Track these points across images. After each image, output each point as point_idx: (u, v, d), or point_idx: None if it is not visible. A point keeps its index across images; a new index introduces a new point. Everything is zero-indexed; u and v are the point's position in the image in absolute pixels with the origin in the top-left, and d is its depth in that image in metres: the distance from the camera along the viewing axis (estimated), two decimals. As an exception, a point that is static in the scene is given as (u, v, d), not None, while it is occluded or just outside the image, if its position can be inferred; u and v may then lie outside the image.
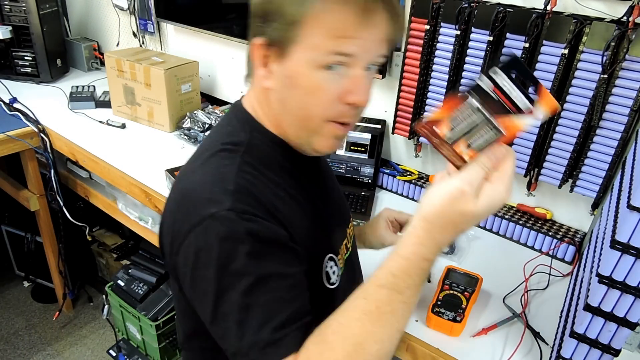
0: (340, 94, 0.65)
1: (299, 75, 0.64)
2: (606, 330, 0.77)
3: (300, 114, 0.67)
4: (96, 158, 1.67)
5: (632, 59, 1.02)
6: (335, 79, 0.64)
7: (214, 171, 0.68)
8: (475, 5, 1.20)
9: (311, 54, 0.63)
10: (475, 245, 1.33)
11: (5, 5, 2.06)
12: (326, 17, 0.61)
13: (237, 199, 0.63)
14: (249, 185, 0.65)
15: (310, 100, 0.65)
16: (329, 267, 0.76)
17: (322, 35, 0.62)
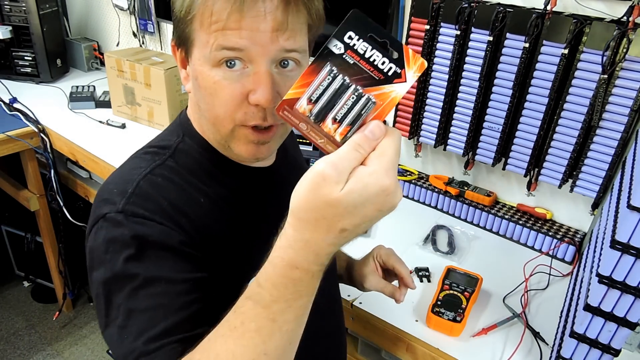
0: (242, 93, 0.60)
1: (199, 75, 0.62)
2: (606, 330, 0.77)
3: (210, 117, 0.64)
4: (96, 158, 1.67)
5: (632, 59, 1.02)
6: (233, 78, 0.60)
7: (125, 172, 0.67)
8: (475, 5, 1.20)
9: (203, 51, 0.60)
10: (475, 245, 1.33)
11: (5, 5, 2.06)
12: (206, 9, 0.58)
13: (130, 201, 0.61)
14: (151, 189, 0.63)
15: (214, 101, 0.62)
16: None
17: (206, 30, 0.59)
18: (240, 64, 0.60)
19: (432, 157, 1.54)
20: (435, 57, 1.31)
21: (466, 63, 1.26)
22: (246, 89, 0.60)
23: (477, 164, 1.41)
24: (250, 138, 0.64)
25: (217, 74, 0.60)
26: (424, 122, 1.41)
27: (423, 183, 1.50)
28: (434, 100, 1.36)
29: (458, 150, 1.37)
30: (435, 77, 1.33)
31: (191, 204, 0.65)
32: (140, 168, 0.66)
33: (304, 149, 1.63)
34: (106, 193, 0.64)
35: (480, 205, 1.39)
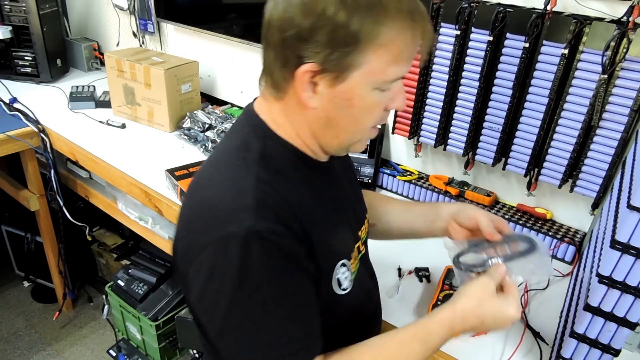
0: (387, 103, 0.70)
1: (356, 97, 0.66)
2: (606, 330, 0.77)
3: (352, 129, 0.71)
4: (96, 158, 1.67)
5: (632, 59, 1.02)
6: (384, 97, 0.68)
7: (232, 183, 0.67)
8: (475, 5, 1.20)
9: (372, 78, 0.65)
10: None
11: (5, 5, 2.06)
12: (394, 45, 0.63)
13: (257, 214, 0.63)
14: (267, 198, 0.65)
15: (366, 116, 0.69)
16: (340, 274, 0.75)
17: (386, 62, 0.64)
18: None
19: (432, 157, 1.54)
20: (435, 57, 1.31)
21: (466, 63, 1.26)
22: (389, 99, 0.70)
23: (477, 164, 1.41)
24: (372, 135, 0.74)
25: (376, 95, 0.67)
26: (424, 122, 1.41)
27: (423, 183, 1.50)
28: (434, 100, 1.36)
29: (458, 150, 1.37)
30: (435, 77, 1.33)
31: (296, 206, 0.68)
32: (244, 177, 0.67)
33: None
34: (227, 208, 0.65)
35: (481, 205, 1.39)
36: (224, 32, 1.88)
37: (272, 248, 0.63)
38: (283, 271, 0.64)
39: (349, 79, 0.64)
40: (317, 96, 0.66)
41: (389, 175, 1.56)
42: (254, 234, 0.61)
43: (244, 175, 0.67)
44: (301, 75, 0.64)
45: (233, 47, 1.95)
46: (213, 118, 1.83)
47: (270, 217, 0.64)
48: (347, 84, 0.64)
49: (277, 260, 0.63)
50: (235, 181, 0.67)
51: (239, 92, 2.03)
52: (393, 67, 0.65)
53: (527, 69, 1.18)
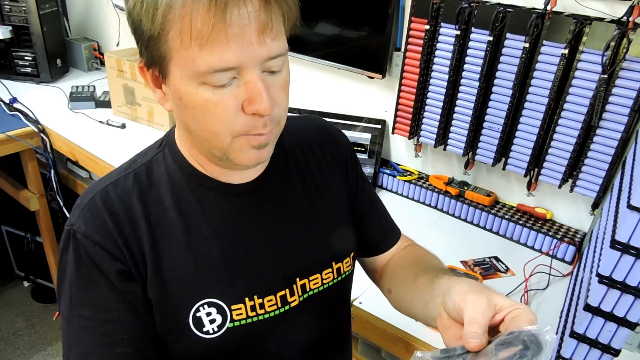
0: (236, 105, 0.57)
1: (184, 95, 0.57)
2: (606, 330, 0.77)
3: (204, 135, 0.60)
4: (96, 158, 1.67)
5: (632, 59, 1.02)
6: (224, 92, 0.56)
7: (98, 181, 0.68)
8: (475, 5, 1.20)
9: (185, 69, 0.55)
10: (476, 245, 1.33)
11: (5, 5, 2.06)
12: (184, 24, 0.52)
13: (82, 215, 0.63)
14: (103, 205, 0.63)
15: (207, 119, 0.58)
16: (203, 314, 0.65)
17: (187, 47, 0.53)
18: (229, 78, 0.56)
19: (432, 157, 1.54)
20: (435, 57, 1.31)
21: (466, 63, 1.26)
22: (240, 100, 0.57)
23: (477, 164, 1.41)
24: (252, 144, 0.60)
25: (205, 92, 0.56)
26: (424, 122, 1.41)
27: (423, 183, 1.50)
28: (434, 100, 1.36)
29: (458, 150, 1.37)
30: (435, 77, 1.33)
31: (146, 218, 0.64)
32: (110, 177, 0.67)
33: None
34: (78, 200, 0.66)
35: (480, 205, 1.39)
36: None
37: (81, 251, 0.62)
38: (88, 278, 0.62)
39: (169, 74, 0.57)
40: (166, 97, 0.62)
41: (389, 175, 1.56)
42: (73, 232, 0.63)
43: (112, 175, 0.68)
44: (140, 73, 0.63)
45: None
46: (213, 118, 1.83)
47: (96, 222, 0.63)
48: (170, 79, 0.58)
49: (85, 265, 0.62)
50: (100, 181, 0.68)
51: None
52: (204, 54, 0.53)
53: (527, 69, 1.18)
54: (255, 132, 0.59)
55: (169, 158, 0.68)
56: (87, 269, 0.62)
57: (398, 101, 1.43)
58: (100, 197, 0.64)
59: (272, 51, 0.56)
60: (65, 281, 0.64)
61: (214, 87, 0.55)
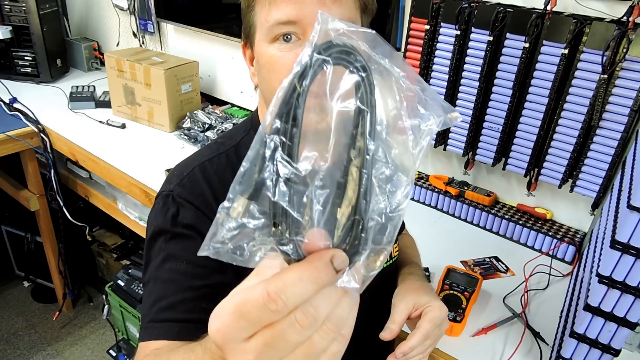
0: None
1: (260, 55, 0.66)
2: (606, 330, 0.77)
3: (268, 94, 0.68)
4: (96, 158, 1.67)
5: (632, 59, 1.02)
6: (287, 48, 0.63)
7: (191, 158, 0.76)
8: (475, 5, 1.20)
9: (261, 30, 0.64)
10: (476, 245, 1.33)
11: (5, 5, 2.06)
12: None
13: (182, 183, 0.70)
14: (202, 176, 0.71)
15: (271, 75, 0.65)
16: None
17: (261, 7, 0.63)
18: (295, 38, 0.62)
19: (432, 157, 1.54)
20: (435, 57, 1.31)
21: (466, 63, 1.26)
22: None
23: (477, 164, 1.41)
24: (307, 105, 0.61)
25: (273, 48, 0.63)
26: (424, 122, 1.41)
27: (423, 183, 1.50)
28: (434, 100, 1.36)
29: (458, 150, 1.37)
30: (435, 77, 1.33)
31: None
32: (203, 155, 0.74)
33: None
34: (171, 174, 0.74)
35: (480, 205, 1.39)
36: (224, 32, 1.88)
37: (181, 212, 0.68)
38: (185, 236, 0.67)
39: (255, 41, 0.66)
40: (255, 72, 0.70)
41: (389, 175, 1.55)
42: (172, 197, 0.69)
43: (205, 154, 0.74)
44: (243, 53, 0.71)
45: (233, 47, 1.95)
46: (213, 118, 1.83)
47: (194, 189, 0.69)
48: (256, 46, 0.67)
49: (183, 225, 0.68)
50: (194, 156, 0.75)
51: (239, 92, 2.03)
52: (272, 10, 0.62)
53: (527, 69, 1.18)
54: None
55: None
56: (185, 227, 0.67)
57: (398, 101, 1.43)
58: (199, 170, 0.71)
59: (333, 13, 0.60)
60: (158, 240, 0.69)
61: (279, 44, 0.63)
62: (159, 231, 0.69)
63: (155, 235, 0.70)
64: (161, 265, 0.67)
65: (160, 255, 0.68)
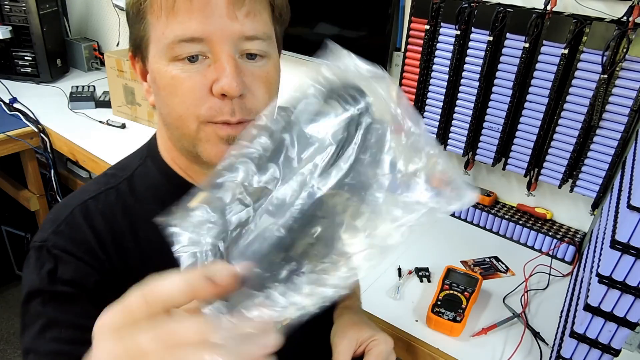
0: (203, 85, 0.54)
1: (157, 75, 0.56)
2: (606, 330, 0.77)
3: (171, 120, 0.57)
4: (96, 158, 1.67)
5: (632, 59, 1.02)
6: (193, 69, 0.54)
7: (73, 196, 0.63)
8: (475, 5, 1.20)
9: (157, 45, 0.54)
10: (475, 245, 1.33)
11: (5, 5, 2.06)
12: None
13: (57, 231, 0.58)
14: (83, 218, 0.59)
15: (174, 99, 0.55)
16: None
17: (156, 19, 0.53)
18: (202, 57, 0.54)
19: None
20: (435, 57, 1.31)
21: (466, 63, 1.26)
22: (209, 80, 0.53)
23: (477, 164, 1.41)
24: (219, 134, 0.55)
25: (174, 68, 0.54)
26: (424, 122, 1.41)
27: (423, 183, 1.50)
28: (434, 100, 1.36)
29: (458, 150, 1.37)
30: (435, 77, 1.33)
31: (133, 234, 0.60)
32: (87, 192, 0.62)
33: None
34: (46, 219, 0.61)
35: (480, 205, 1.39)
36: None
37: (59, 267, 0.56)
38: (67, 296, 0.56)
39: (149, 56, 0.56)
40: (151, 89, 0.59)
41: (389, 175, 1.55)
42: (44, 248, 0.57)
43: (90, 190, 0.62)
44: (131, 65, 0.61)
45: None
46: (213, 118, 1.83)
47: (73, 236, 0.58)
48: (149, 61, 0.56)
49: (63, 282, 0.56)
50: (74, 196, 0.63)
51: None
52: (171, 24, 0.52)
53: (527, 69, 1.18)
54: (221, 118, 0.54)
55: (153, 170, 0.64)
56: (66, 284, 0.56)
57: (398, 101, 1.43)
58: (80, 211, 0.59)
59: (246, 30, 0.53)
60: (33, 302, 0.56)
61: (183, 64, 0.53)
62: (34, 292, 0.56)
63: (29, 297, 0.56)
64: (41, 334, 0.55)
65: (39, 322, 0.55)
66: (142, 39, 0.56)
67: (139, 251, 0.60)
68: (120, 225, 0.60)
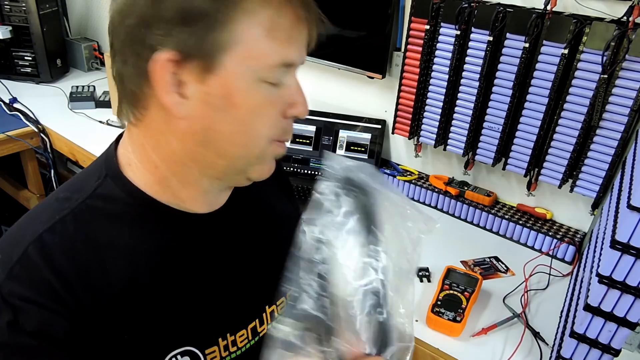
0: (284, 109, 0.54)
1: (237, 92, 0.50)
2: (606, 330, 0.77)
3: (241, 140, 0.53)
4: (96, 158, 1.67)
5: (632, 59, 1.02)
6: (278, 94, 0.53)
7: (21, 228, 0.54)
8: (475, 5, 1.20)
9: (250, 62, 0.49)
10: (475, 245, 1.33)
11: (5, 5, 2.06)
12: (264, 12, 0.48)
13: (13, 274, 0.50)
14: (40, 257, 0.50)
15: (256, 120, 0.52)
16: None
17: (262, 36, 0.49)
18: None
19: (432, 157, 1.54)
20: (435, 57, 1.31)
21: (466, 63, 1.26)
22: (286, 102, 0.54)
23: (477, 164, 1.41)
24: (278, 153, 0.57)
25: (264, 89, 0.51)
26: (424, 122, 1.41)
27: (423, 183, 1.50)
28: (434, 100, 1.36)
29: (458, 150, 1.37)
30: (435, 77, 1.33)
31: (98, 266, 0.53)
32: (39, 222, 0.53)
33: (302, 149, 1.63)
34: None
35: (480, 205, 1.39)
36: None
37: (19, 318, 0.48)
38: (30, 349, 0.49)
39: (221, 67, 0.48)
40: (187, 101, 0.50)
41: (389, 176, 1.55)
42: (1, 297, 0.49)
43: (42, 220, 0.53)
44: (159, 69, 0.48)
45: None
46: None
47: (33, 278, 0.50)
48: (221, 74, 0.49)
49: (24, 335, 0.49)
50: (24, 227, 0.54)
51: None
52: (272, 45, 0.49)
53: (527, 69, 1.18)
54: (286, 137, 0.56)
55: (115, 191, 0.56)
56: (30, 336, 0.49)
57: (398, 101, 1.43)
58: (36, 249, 0.51)
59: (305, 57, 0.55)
60: None
61: (271, 87, 0.51)
62: None
63: None
64: None
65: None
66: (214, 47, 0.48)
67: (108, 284, 0.52)
68: (84, 258, 0.52)
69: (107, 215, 0.55)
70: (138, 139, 0.55)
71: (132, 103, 0.53)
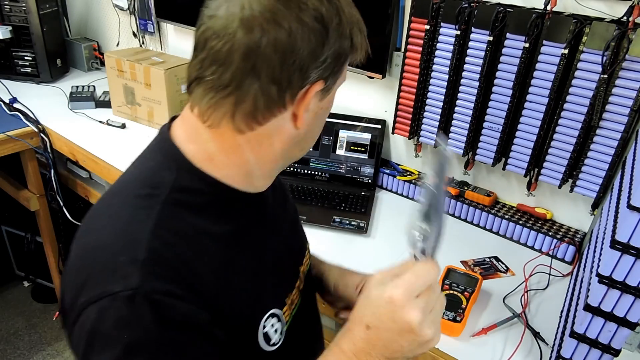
0: None
1: (330, 104, 0.65)
2: (606, 330, 0.77)
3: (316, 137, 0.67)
4: (96, 158, 1.67)
5: (632, 59, 1.02)
6: None
7: (124, 228, 0.54)
8: (475, 5, 1.20)
9: (341, 80, 0.63)
10: (476, 245, 1.33)
11: (5, 5, 2.06)
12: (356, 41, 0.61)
13: (147, 272, 0.50)
14: (165, 250, 0.53)
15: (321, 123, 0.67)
16: (269, 327, 0.64)
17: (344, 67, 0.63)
18: None
19: (432, 157, 1.54)
20: (435, 57, 1.31)
21: (466, 63, 1.26)
22: None
23: (477, 164, 1.41)
24: None
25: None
26: (424, 122, 1.41)
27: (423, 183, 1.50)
28: (434, 100, 1.36)
29: (458, 150, 1.37)
30: (435, 77, 1.33)
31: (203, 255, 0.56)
32: (141, 222, 0.54)
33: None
34: (111, 261, 0.52)
35: (480, 205, 1.39)
36: (224, 32, 1.88)
37: (165, 313, 0.50)
38: (179, 343, 0.50)
39: (333, 88, 0.62)
40: (307, 114, 0.60)
41: (389, 175, 1.55)
42: (143, 296, 0.49)
43: (141, 219, 0.54)
44: (311, 96, 0.57)
45: (233, 47, 1.94)
46: (213, 118, 1.83)
47: (166, 273, 0.52)
48: (331, 92, 0.63)
49: (172, 329, 0.50)
50: (128, 225, 0.55)
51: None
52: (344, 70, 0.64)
53: (527, 69, 1.18)
54: None
55: (195, 183, 0.59)
56: (178, 331, 0.50)
57: (398, 101, 1.43)
58: (159, 244, 0.53)
59: None
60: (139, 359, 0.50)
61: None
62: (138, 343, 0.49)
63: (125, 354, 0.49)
64: None
65: None
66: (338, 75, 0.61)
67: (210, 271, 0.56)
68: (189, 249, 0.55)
69: (193, 206, 0.58)
70: (234, 141, 0.59)
71: (252, 116, 0.57)
